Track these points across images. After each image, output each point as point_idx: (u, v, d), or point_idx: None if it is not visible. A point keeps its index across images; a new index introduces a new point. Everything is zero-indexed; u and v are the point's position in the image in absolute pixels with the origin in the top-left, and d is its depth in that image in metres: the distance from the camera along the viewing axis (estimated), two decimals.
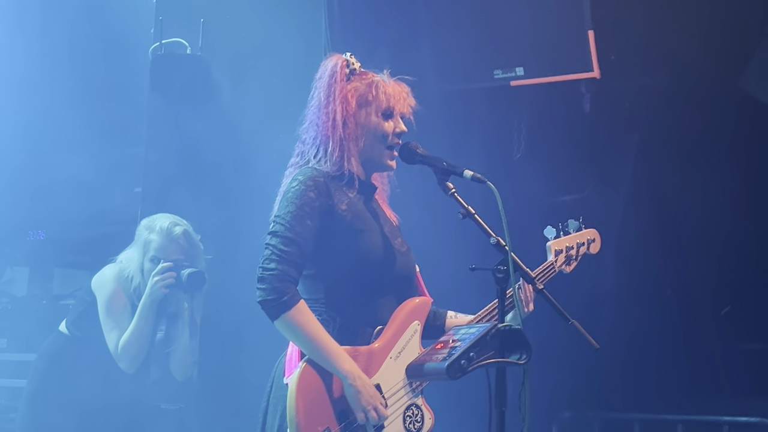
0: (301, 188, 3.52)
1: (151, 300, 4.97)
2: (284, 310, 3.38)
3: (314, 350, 3.39)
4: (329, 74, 3.67)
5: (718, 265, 5.74)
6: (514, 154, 6.11)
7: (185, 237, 5.10)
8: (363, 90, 3.67)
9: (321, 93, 3.66)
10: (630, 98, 5.97)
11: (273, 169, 3.89)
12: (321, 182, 3.55)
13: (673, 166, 5.86)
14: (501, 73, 5.81)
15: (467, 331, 3.38)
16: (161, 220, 5.12)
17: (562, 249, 4.00)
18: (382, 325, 3.56)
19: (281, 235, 3.46)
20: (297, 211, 3.48)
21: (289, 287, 3.40)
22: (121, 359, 4.96)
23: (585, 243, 4.11)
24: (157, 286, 4.96)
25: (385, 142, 3.66)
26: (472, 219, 3.47)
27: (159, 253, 5.03)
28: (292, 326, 3.39)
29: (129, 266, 5.08)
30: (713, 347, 5.82)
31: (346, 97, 3.64)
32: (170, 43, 6.41)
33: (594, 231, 4.17)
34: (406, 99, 3.70)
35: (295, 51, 6.19)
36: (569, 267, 4.05)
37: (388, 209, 3.84)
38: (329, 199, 3.54)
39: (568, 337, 3.46)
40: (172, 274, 4.99)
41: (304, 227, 3.47)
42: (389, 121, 3.67)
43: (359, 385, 3.37)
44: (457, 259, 5.21)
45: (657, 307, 5.86)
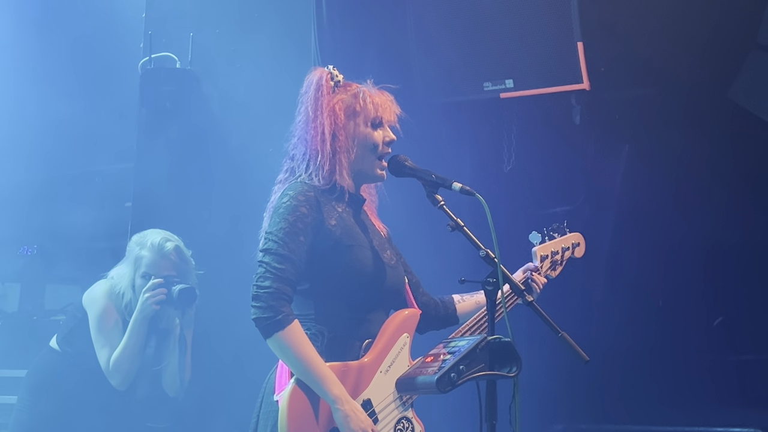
0: (293, 203, 3.50)
1: (142, 316, 4.95)
2: (278, 330, 3.37)
3: (304, 372, 3.38)
4: (315, 88, 3.66)
5: (709, 275, 5.73)
6: (505, 166, 6.11)
7: (176, 253, 5.09)
8: (349, 101, 3.66)
9: (308, 107, 3.65)
10: (620, 109, 5.97)
11: (263, 183, 3.88)
12: (312, 197, 3.53)
13: (664, 177, 5.86)
14: (491, 86, 5.81)
15: (457, 343, 3.37)
16: (152, 235, 5.11)
17: (547, 254, 4.01)
18: (370, 339, 3.55)
19: (275, 252, 3.44)
20: (290, 227, 3.47)
21: (284, 306, 3.39)
22: (112, 376, 4.94)
23: (570, 247, 4.11)
24: (148, 303, 4.94)
25: (375, 152, 3.65)
26: (461, 231, 3.47)
27: (150, 269, 5.02)
28: (284, 346, 3.37)
29: (120, 282, 5.07)
30: (705, 358, 5.81)
31: (333, 109, 3.63)
32: (160, 58, 6.40)
33: (578, 235, 4.18)
34: (392, 107, 3.70)
35: (284, 65, 6.19)
36: (555, 272, 4.06)
37: (377, 221, 3.83)
38: (319, 215, 3.53)
39: (558, 350, 3.44)
40: (163, 290, 4.97)
41: (298, 244, 3.46)
42: (378, 130, 3.67)
43: (347, 409, 3.35)
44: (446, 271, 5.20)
45: (648, 319, 5.84)
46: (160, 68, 6.40)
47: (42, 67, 7.03)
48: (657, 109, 5.79)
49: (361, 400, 3.44)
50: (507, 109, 6.08)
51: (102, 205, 7.19)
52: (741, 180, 5.65)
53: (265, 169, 4.06)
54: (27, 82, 7.18)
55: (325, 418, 3.38)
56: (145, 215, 6.23)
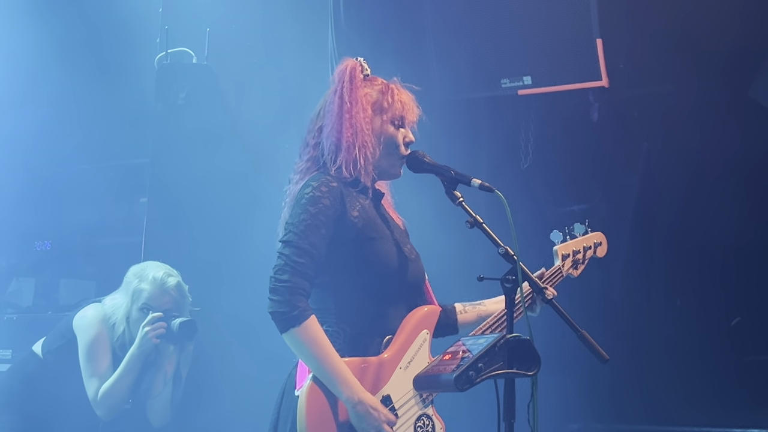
0: (316, 195, 3.47)
1: (140, 351, 4.91)
2: (294, 325, 3.35)
3: (319, 369, 3.36)
4: (348, 79, 3.60)
5: (728, 275, 5.70)
6: (522, 163, 6.09)
7: (177, 288, 5.06)
8: (377, 96, 3.63)
9: (342, 98, 3.58)
10: (638, 107, 5.95)
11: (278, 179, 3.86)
12: (335, 188, 3.50)
13: (682, 176, 5.83)
14: (508, 82, 5.79)
15: (476, 341, 3.35)
16: (154, 269, 5.07)
17: (568, 253, 3.98)
18: (391, 335, 3.54)
19: (295, 244, 3.41)
20: (311, 219, 3.44)
21: (300, 300, 3.37)
22: (99, 407, 4.90)
23: (592, 246, 4.09)
24: (148, 337, 4.89)
25: (397, 152, 3.63)
26: (479, 228, 3.45)
27: (150, 303, 4.98)
28: (300, 342, 3.36)
29: (115, 313, 5.02)
30: (723, 358, 5.78)
31: (361, 102, 3.59)
32: (176, 53, 6.42)
33: (600, 234, 4.15)
34: (415, 109, 3.68)
35: (301, 60, 6.19)
36: (576, 271, 4.03)
37: (395, 214, 3.81)
38: (342, 206, 3.50)
39: (577, 349, 3.43)
40: (163, 324, 4.93)
41: (319, 237, 3.43)
42: (400, 130, 3.64)
43: (360, 410, 3.34)
44: (464, 268, 5.19)
45: (666, 318, 5.82)
46: (176, 63, 6.41)
47: (58, 61, 7.04)
48: (676, 107, 5.76)
49: (380, 396, 3.43)
50: (525, 106, 6.07)
51: (117, 200, 7.20)
52: (761, 180, 5.63)
53: (281, 164, 4.05)
54: (42, 76, 7.20)
55: (343, 414, 3.37)
56: (161, 211, 6.24)
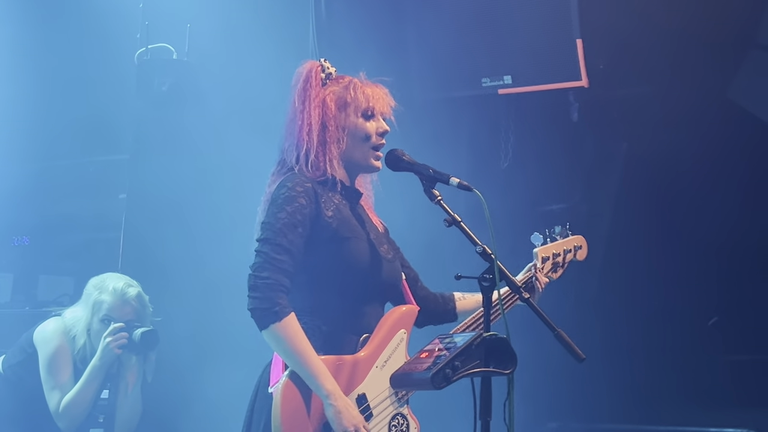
0: (292, 194, 3.49)
1: (102, 362, 4.87)
2: (274, 321, 3.35)
3: (298, 365, 3.36)
4: (303, 80, 3.66)
5: (705, 275, 5.73)
6: (502, 162, 6.11)
7: (138, 299, 5.02)
8: (341, 92, 3.66)
9: (297, 99, 3.65)
10: (618, 107, 5.97)
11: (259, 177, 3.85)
12: (309, 188, 3.53)
13: (662, 176, 5.86)
14: (489, 81, 5.81)
15: (452, 340, 3.36)
16: (114, 280, 5.03)
17: (548, 256, 3.99)
18: (368, 334, 3.54)
19: (274, 242, 3.43)
20: (288, 218, 3.46)
21: (281, 297, 3.37)
22: (60, 419, 4.85)
23: (572, 250, 4.10)
24: (110, 347, 4.85)
25: (368, 143, 3.65)
26: (458, 227, 3.45)
27: (111, 314, 4.94)
28: (279, 338, 3.36)
29: (75, 325, 4.97)
30: (699, 358, 5.81)
31: (324, 100, 3.63)
32: (156, 49, 6.39)
33: (581, 237, 4.17)
34: (385, 99, 3.69)
35: (282, 59, 6.17)
36: (556, 274, 4.04)
37: (374, 215, 3.82)
38: (317, 206, 3.52)
39: (553, 348, 3.44)
40: (125, 334, 4.89)
41: (296, 235, 3.45)
42: (370, 121, 3.66)
43: (340, 405, 3.34)
44: (442, 267, 5.19)
45: (643, 318, 5.84)
46: (156, 59, 6.39)
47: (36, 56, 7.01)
48: (656, 107, 5.79)
49: (355, 394, 3.43)
50: (505, 105, 6.08)
51: (96, 196, 7.17)
52: (739, 180, 5.66)
53: (262, 163, 4.04)
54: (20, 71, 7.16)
55: (318, 412, 3.36)
56: (140, 207, 6.22)
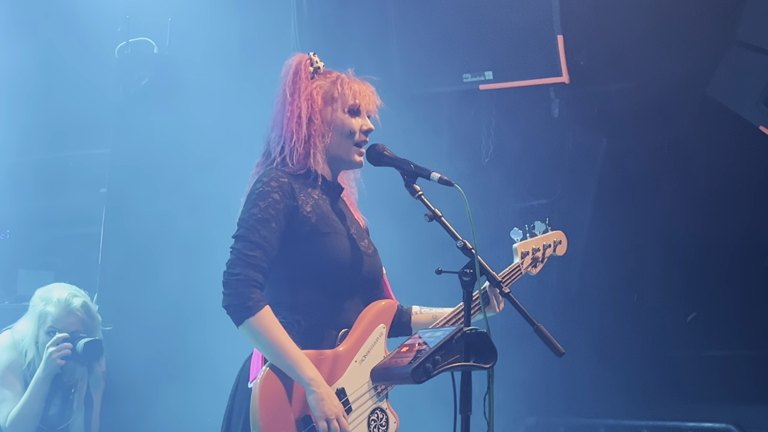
0: (265, 190, 3.50)
1: (46, 373, 4.84)
2: (248, 316, 3.36)
3: (277, 356, 3.37)
4: (293, 72, 3.67)
5: (685, 270, 5.76)
6: (483, 158, 6.12)
7: (84, 309, 4.99)
8: (328, 87, 3.67)
9: (285, 91, 3.66)
10: (599, 103, 5.99)
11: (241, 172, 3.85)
12: (285, 183, 3.53)
13: (641, 172, 5.89)
14: (470, 77, 5.82)
15: (433, 334, 3.36)
16: (58, 291, 5.01)
17: (528, 251, 4.00)
18: (347, 328, 3.55)
19: (246, 238, 3.44)
20: (261, 213, 3.47)
21: (254, 292, 3.38)
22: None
23: (551, 245, 4.11)
24: (53, 358, 4.83)
25: (352, 139, 3.65)
26: (438, 222, 3.46)
27: (56, 325, 4.92)
28: (256, 332, 3.37)
29: (24, 338, 4.96)
30: (679, 353, 5.85)
31: (311, 94, 3.64)
32: (137, 42, 6.36)
33: (560, 233, 4.18)
34: (371, 97, 3.70)
35: (264, 53, 6.17)
36: (535, 269, 4.05)
37: (356, 211, 3.82)
38: (294, 201, 3.52)
39: (533, 342, 3.46)
40: (68, 345, 4.87)
41: (270, 230, 3.46)
42: (356, 118, 3.67)
43: (322, 392, 3.34)
44: (422, 261, 5.21)
45: (623, 313, 5.87)
46: (137, 53, 6.37)
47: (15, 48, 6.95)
48: (636, 103, 5.81)
49: (335, 389, 3.42)
50: (486, 101, 6.09)
51: (76, 190, 7.13)
52: (718, 176, 5.68)
53: (243, 158, 4.05)
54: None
55: (298, 405, 3.36)
56: (120, 202, 6.21)
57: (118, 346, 5.61)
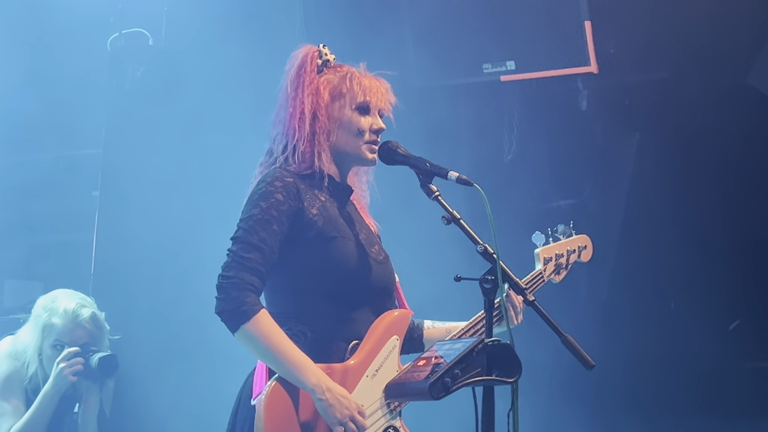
0: (268, 190, 3.51)
1: (55, 390, 4.83)
2: (243, 321, 3.37)
3: (278, 363, 3.37)
4: (298, 65, 3.68)
5: (727, 275, 5.74)
6: (505, 155, 6.12)
7: (92, 320, 4.98)
8: (336, 82, 3.68)
9: (289, 85, 3.67)
10: (630, 95, 5.99)
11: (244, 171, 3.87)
12: (290, 183, 3.54)
13: (678, 169, 5.87)
14: (490, 68, 5.83)
15: (452, 346, 3.36)
16: (65, 300, 5.00)
17: (551, 257, 4.00)
18: (357, 340, 3.56)
19: (243, 240, 3.46)
20: (262, 215, 3.48)
21: (248, 296, 3.39)
22: None
23: (576, 250, 4.11)
24: (64, 374, 4.81)
25: (361, 138, 3.66)
26: (457, 224, 3.46)
27: (63, 338, 4.91)
28: (253, 338, 3.38)
29: (25, 351, 4.95)
30: (721, 365, 5.83)
31: (317, 89, 3.65)
32: (131, 34, 6.39)
33: (585, 237, 4.18)
34: (384, 94, 3.70)
35: (267, 45, 6.18)
36: (559, 276, 4.05)
37: (367, 216, 3.83)
38: (299, 203, 3.53)
39: (561, 354, 3.46)
40: (80, 360, 4.85)
41: (270, 233, 3.47)
42: (365, 116, 3.67)
43: (330, 397, 3.35)
44: (440, 268, 5.21)
45: (659, 322, 5.86)
46: (131, 45, 6.39)
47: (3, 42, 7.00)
48: (671, 94, 5.81)
49: None
50: (508, 93, 6.10)
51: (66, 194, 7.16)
52: (762, 172, 5.67)
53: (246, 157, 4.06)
54: None
55: (308, 421, 3.37)
56: (113, 206, 6.24)
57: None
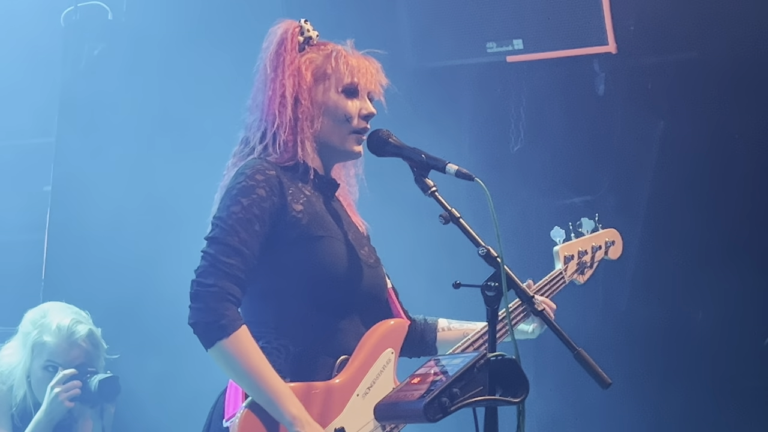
0: (249, 184, 3.50)
1: (49, 418, 4.81)
2: (221, 337, 3.36)
3: (254, 388, 3.37)
4: (278, 42, 3.67)
5: (763, 283, 5.75)
6: (512, 145, 6.13)
7: (89, 338, 4.97)
8: (320, 61, 3.68)
9: (268, 65, 3.66)
10: (653, 78, 6.00)
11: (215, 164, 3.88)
12: (272, 176, 3.54)
13: (707, 162, 5.88)
14: (495, 47, 5.84)
15: (450, 361, 3.37)
16: (57, 315, 4.98)
17: (573, 254, 4.01)
18: (346, 355, 3.56)
19: (222, 241, 3.44)
20: (243, 212, 3.47)
21: (228, 308, 3.39)
22: None
23: (602, 246, 4.12)
24: (59, 400, 4.80)
25: (348, 125, 3.66)
26: (456, 224, 3.46)
27: (56, 358, 4.89)
28: (229, 357, 3.38)
29: (12, 373, 4.93)
30: (754, 383, 5.84)
31: (299, 69, 3.64)
32: (87, 7, 6.39)
33: (614, 231, 4.19)
34: (374, 75, 3.70)
35: (243, 20, 6.18)
36: (583, 276, 4.06)
37: (355, 214, 3.83)
38: (282, 199, 3.53)
39: (573, 370, 3.47)
40: (77, 383, 4.83)
41: (251, 234, 3.46)
42: (353, 100, 3.67)
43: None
44: (438, 273, 5.22)
45: (684, 335, 5.87)
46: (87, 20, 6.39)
47: None
48: (698, 77, 5.82)
49: (332, 429, 3.43)
50: (515, 75, 6.10)
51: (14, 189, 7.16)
52: None
53: (217, 145, 4.06)
54: None
55: None
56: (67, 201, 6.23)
57: None
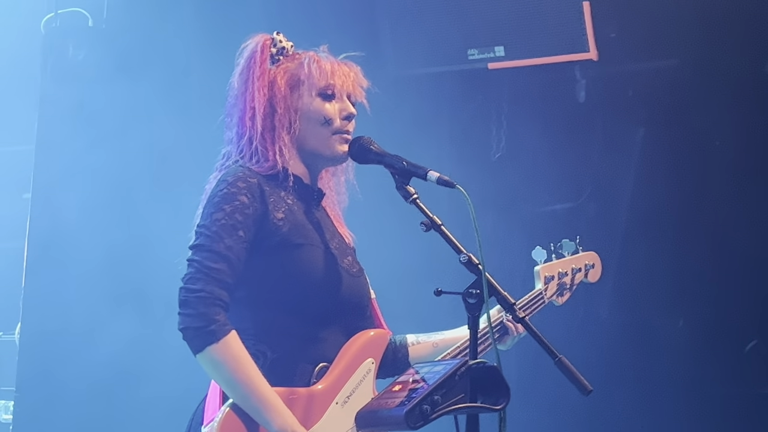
0: (231, 191, 3.51)
1: None
2: (210, 342, 3.36)
3: (242, 395, 3.37)
4: (248, 57, 3.68)
5: (744, 290, 5.77)
6: (493, 152, 6.14)
7: None
8: (294, 69, 3.68)
9: (238, 80, 3.68)
10: (634, 85, 6.01)
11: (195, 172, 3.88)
12: (254, 184, 3.54)
13: (688, 169, 5.89)
14: (476, 54, 5.85)
15: (432, 369, 3.37)
16: None
17: (553, 275, 4.01)
18: (326, 363, 3.56)
19: (208, 248, 3.44)
20: (226, 219, 3.47)
21: (218, 313, 3.38)
22: None
23: (582, 269, 4.13)
24: None
25: (328, 128, 3.65)
26: (437, 231, 3.46)
27: None
28: (218, 363, 3.37)
29: None
30: (735, 390, 5.86)
31: (273, 80, 3.65)
32: (68, 14, 6.38)
33: (594, 254, 4.19)
34: (352, 77, 3.69)
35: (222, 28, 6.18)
36: (562, 298, 4.07)
37: (342, 225, 3.82)
38: (263, 206, 3.53)
39: (554, 377, 3.48)
40: None
41: (236, 240, 3.46)
42: (331, 102, 3.67)
43: None
44: (419, 281, 5.22)
45: (666, 341, 5.88)
46: (67, 27, 6.38)
47: None
48: (679, 85, 5.83)
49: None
50: (496, 82, 6.11)
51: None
52: None
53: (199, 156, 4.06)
54: None
55: None
56: (48, 209, 6.21)
57: (48, 388, 5.62)
